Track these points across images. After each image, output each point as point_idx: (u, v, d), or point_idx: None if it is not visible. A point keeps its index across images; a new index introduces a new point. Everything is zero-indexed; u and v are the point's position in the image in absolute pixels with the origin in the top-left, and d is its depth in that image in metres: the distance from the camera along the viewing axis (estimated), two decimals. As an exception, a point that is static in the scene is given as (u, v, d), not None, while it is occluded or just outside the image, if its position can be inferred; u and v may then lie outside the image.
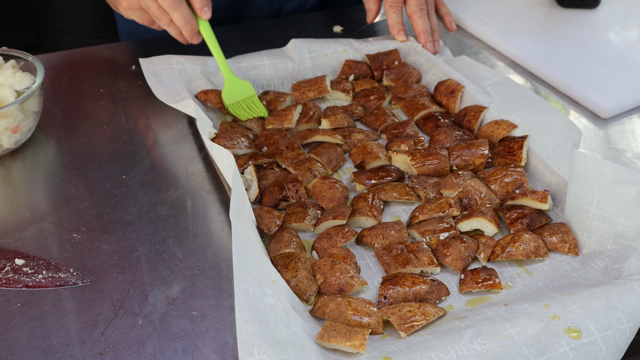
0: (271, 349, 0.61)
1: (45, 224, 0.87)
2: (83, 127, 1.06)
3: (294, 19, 1.43)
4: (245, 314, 0.62)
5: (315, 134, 0.99)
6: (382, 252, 0.80)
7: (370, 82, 1.14)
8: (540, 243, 0.80)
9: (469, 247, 0.80)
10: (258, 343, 0.61)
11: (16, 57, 1.03)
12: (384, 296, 0.75)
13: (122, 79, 1.18)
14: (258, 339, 0.61)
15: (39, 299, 0.76)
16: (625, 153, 1.01)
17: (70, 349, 0.70)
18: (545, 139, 0.93)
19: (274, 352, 0.61)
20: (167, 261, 0.81)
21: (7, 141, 0.96)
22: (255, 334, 0.61)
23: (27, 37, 2.54)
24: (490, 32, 1.33)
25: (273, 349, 0.61)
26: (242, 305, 0.63)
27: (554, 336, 0.65)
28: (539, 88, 1.18)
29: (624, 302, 0.67)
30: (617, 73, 1.17)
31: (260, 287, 0.67)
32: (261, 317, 0.63)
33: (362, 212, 0.85)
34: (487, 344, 0.64)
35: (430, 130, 1.03)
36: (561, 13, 1.39)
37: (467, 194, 0.88)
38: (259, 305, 0.64)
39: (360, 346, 0.66)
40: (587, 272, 0.77)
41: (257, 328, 0.62)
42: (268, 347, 0.61)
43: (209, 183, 0.94)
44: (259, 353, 0.61)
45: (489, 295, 0.76)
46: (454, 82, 1.08)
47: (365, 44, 1.20)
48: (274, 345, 0.61)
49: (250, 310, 0.63)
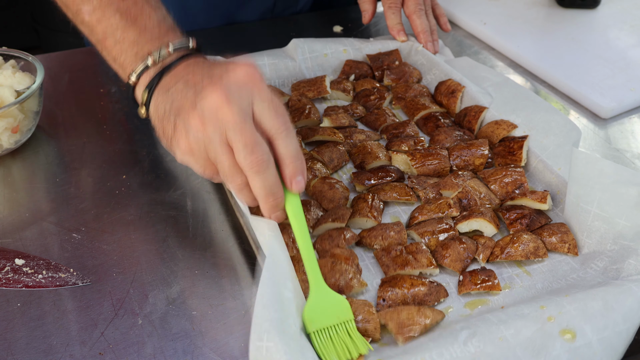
0: (279, 339, 0.61)
1: (45, 224, 0.87)
2: (83, 127, 1.06)
3: (293, 20, 1.43)
4: (265, 298, 0.62)
5: (316, 134, 0.99)
6: (381, 254, 0.80)
7: (371, 82, 1.14)
8: (539, 244, 0.80)
9: (468, 248, 0.80)
10: (269, 330, 0.61)
11: (16, 57, 1.03)
12: (383, 298, 0.75)
13: (122, 79, 1.17)
14: (270, 326, 0.61)
15: (39, 299, 0.76)
16: (625, 153, 1.01)
17: (70, 349, 0.70)
18: (545, 139, 0.93)
19: (281, 343, 0.61)
20: (167, 261, 0.81)
21: (7, 141, 0.96)
22: (269, 320, 0.62)
23: (27, 37, 2.54)
24: (490, 32, 1.33)
25: (280, 339, 0.61)
26: (265, 288, 0.63)
27: (549, 338, 0.64)
28: (539, 88, 1.18)
29: (621, 304, 0.67)
30: (617, 73, 1.17)
31: (284, 278, 0.67)
32: (278, 306, 0.64)
33: (362, 213, 0.85)
34: (481, 346, 0.64)
35: (430, 130, 1.03)
36: (561, 13, 1.39)
37: (467, 194, 0.88)
38: (279, 295, 0.65)
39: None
40: (587, 272, 0.77)
41: (272, 315, 0.62)
42: (277, 336, 0.61)
43: (209, 183, 0.94)
44: (267, 339, 0.61)
45: (487, 296, 0.76)
46: (454, 83, 1.08)
47: (367, 44, 1.20)
48: (282, 336, 0.62)
49: (270, 296, 0.63)
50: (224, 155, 0.67)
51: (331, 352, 0.66)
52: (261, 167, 0.67)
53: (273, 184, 0.69)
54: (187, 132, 0.68)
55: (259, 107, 0.68)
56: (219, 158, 0.68)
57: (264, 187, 0.68)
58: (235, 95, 0.66)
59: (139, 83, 0.75)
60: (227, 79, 0.67)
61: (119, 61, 0.77)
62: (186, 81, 0.70)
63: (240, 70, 0.68)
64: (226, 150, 0.67)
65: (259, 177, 0.67)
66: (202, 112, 0.67)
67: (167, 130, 0.71)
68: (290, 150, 0.69)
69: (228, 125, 0.66)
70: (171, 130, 0.71)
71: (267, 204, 0.70)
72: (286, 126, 0.69)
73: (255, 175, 0.67)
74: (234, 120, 0.66)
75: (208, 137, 0.67)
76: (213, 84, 0.67)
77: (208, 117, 0.66)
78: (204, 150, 0.69)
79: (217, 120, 0.66)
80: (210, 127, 0.66)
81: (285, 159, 0.69)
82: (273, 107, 0.68)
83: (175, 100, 0.70)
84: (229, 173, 0.69)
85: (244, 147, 0.66)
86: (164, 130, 0.72)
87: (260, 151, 0.66)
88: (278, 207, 0.71)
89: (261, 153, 0.67)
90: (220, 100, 0.66)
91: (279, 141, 0.69)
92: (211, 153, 0.68)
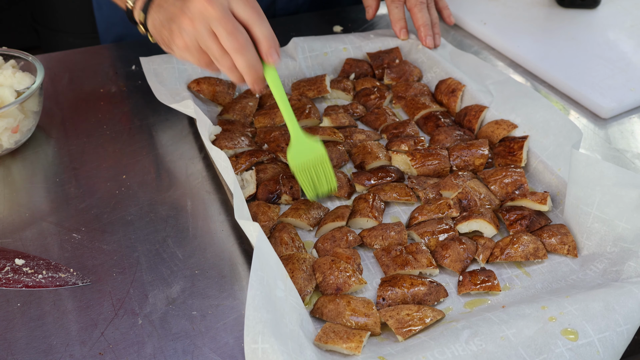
0: (274, 339, 0.61)
1: (45, 224, 0.87)
2: (83, 127, 1.06)
3: (293, 19, 1.43)
4: (256, 300, 0.63)
5: (316, 134, 0.99)
6: (381, 254, 0.80)
7: (371, 80, 1.14)
8: (539, 245, 0.80)
9: (467, 248, 0.80)
10: (263, 331, 0.61)
11: (16, 57, 1.03)
12: (383, 297, 0.75)
13: (122, 79, 1.18)
14: (264, 327, 0.62)
15: (39, 299, 0.76)
16: (625, 153, 1.01)
17: (70, 349, 0.70)
18: (545, 139, 0.93)
19: (277, 343, 0.61)
20: (167, 261, 0.81)
21: (7, 141, 0.96)
22: (262, 322, 0.62)
23: (27, 37, 2.54)
24: (490, 32, 1.33)
25: (276, 339, 0.61)
26: (255, 291, 0.63)
27: (551, 337, 0.65)
28: (539, 88, 1.18)
29: (622, 305, 0.67)
30: (617, 73, 1.17)
31: (274, 278, 0.67)
32: (270, 307, 0.64)
33: (362, 213, 0.85)
34: (483, 345, 0.64)
35: (430, 129, 1.03)
36: (561, 13, 1.39)
37: (467, 195, 0.88)
38: (270, 295, 0.65)
39: (356, 348, 0.67)
40: (586, 274, 0.77)
41: (265, 316, 0.62)
42: (272, 337, 0.61)
43: (209, 183, 0.94)
44: (262, 341, 0.61)
45: (487, 297, 0.76)
46: (454, 81, 1.08)
47: (367, 42, 1.20)
48: (277, 337, 0.62)
49: (261, 297, 0.63)
50: (212, 43, 0.83)
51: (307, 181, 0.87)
52: (242, 47, 0.83)
53: (253, 60, 0.85)
54: (181, 32, 0.85)
55: (235, 2, 0.83)
56: (209, 45, 0.84)
57: (247, 63, 0.84)
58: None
59: (135, 7, 0.90)
60: None
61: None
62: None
63: None
64: (213, 38, 0.83)
65: (241, 56, 0.83)
66: (191, 14, 0.83)
67: (165, 35, 0.88)
68: (264, 32, 0.84)
69: (212, 19, 0.82)
70: (168, 34, 0.87)
71: (250, 77, 0.86)
72: (259, 14, 0.84)
73: (238, 55, 0.83)
74: (216, 14, 0.81)
75: (198, 31, 0.83)
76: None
77: (196, 16, 0.82)
78: (197, 43, 0.85)
79: (202, 17, 0.82)
80: (198, 23, 0.83)
81: (261, 39, 0.84)
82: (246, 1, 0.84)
83: (167, 11, 0.86)
84: (219, 56, 0.85)
85: (228, 35, 0.82)
86: (162, 36, 0.88)
87: (240, 35, 0.82)
88: (259, 79, 0.87)
89: (241, 37, 0.82)
90: (203, 2, 0.81)
91: (254, 27, 0.84)
92: (202, 43, 0.84)
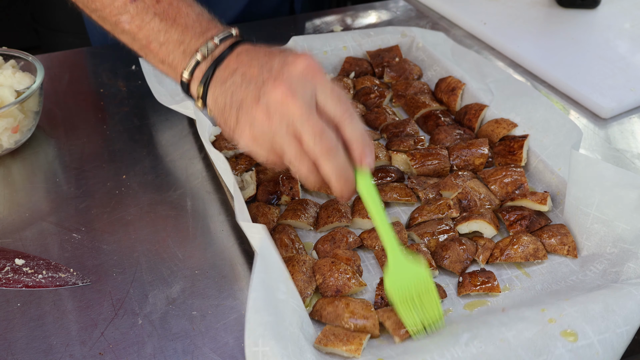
0: (274, 342, 0.61)
1: (45, 224, 0.87)
2: (83, 127, 1.06)
3: (293, 20, 1.43)
4: (257, 302, 0.62)
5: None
6: (381, 254, 0.80)
7: (371, 79, 1.14)
8: (539, 245, 0.80)
9: (467, 249, 0.80)
10: (264, 334, 0.61)
11: (16, 57, 1.03)
12: (381, 297, 0.75)
13: (122, 79, 1.18)
14: (264, 330, 0.61)
15: (39, 299, 0.76)
16: (625, 153, 1.01)
17: (70, 349, 0.70)
18: (545, 138, 0.93)
19: (277, 346, 0.61)
20: (167, 261, 0.81)
21: (7, 141, 0.96)
22: (263, 324, 0.62)
23: (27, 37, 2.53)
24: (490, 32, 1.33)
25: (277, 342, 0.61)
26: (256, 293, 0.63)
27: (550, 339, 0.65)
28: (539, 88, 1.18)
29: (621, 306, 0.67)
30: (617, 73, 1.17)
31: (276, 280, 0.67)
32: (271, 309, 0.63)
33: (362, 213, 0.85)
34: (482, 347, 0.64)
35: (430, 129, 1.03)
36: (561, 13, 1.39)
37: (467, 195, 0.88)
38: (271, 298, 0.65)
39: (356, 351, 0.67)
40: (586, 275, 0.77)
41: (265, 319, 0.62)
42: (272, 339, 0.61)
43: (209, 183, 0.94)
44: (263, 344, 0.61)
45: (487, 298, 0.76)
46: (454, 80, 1.08)
47: (367, 40, 1.20)
48: (278, 339, 0.62)
49: (262, 300, 0.63)
50: (291, 146, 0.70)
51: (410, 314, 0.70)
52: (331, 152, 0.70)
53: (344, 165, 0.72)
54: (252, 124, 0.71)
55: (322, 97, 0.71)
56: (286, 148, 0.71)
57: (336, 170, 0.71)
58: (298, 89, 0.69)
59: (193, 79, 0.77)
60: (289, 73, 0.70)
61: (167, 62, 0.79)
62: (243, 74, 0.72)
63: (300, 63, 0.71)
64: (293, 140, 0.70)
65: (330, 162, 0.70)
66: (267, 107, 0.69)
67: (230, 122, 0.74)
68: (356, 133, 0.72)
69: (295, 118, 0.69)
70: (234, 123, 0.73)
71: (340, 185, 0.72)
72: (350, 112, 0.72)
73: (326, 161, 0.70)
74: (300, 112, 0.69)
75: (274, 129, 0.70)
76: (274, 78, 0.70)
77: (274, 111, 0.69)
78: (269, 141, 0.71)
79: (282, 114, 0.69)
80: (276, 120, 0.69)
81: (353, 141, 0.72)
82: (335, 95, 0.72)
83: (235, 93, 0.72)
84: (297, 161, 0.71)
85: (314, 136, 0.69)
86: (226, 122, 0.75)
87: (328, 138, 0.70)
88: (350, 187, 0.73)
89: (330, 139, 0.70)
90: (284, 95, 0.69)
91: (345, 126, 0.72)
92: (277, 144, 0.71)
